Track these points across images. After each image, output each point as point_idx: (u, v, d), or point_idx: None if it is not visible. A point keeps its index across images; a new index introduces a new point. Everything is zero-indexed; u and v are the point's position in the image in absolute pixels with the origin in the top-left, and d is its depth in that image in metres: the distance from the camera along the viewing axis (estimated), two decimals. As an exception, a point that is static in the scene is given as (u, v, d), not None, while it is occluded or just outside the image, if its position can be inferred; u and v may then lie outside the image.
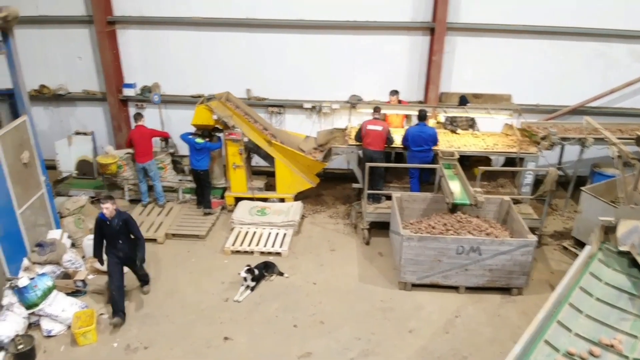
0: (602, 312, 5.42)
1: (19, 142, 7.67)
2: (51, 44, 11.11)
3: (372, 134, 9.31)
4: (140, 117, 9.87)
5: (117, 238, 7.37)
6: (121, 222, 7.28)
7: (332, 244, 9.48)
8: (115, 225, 7.27)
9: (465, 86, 11.09)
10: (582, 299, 5.61)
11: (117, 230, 7.30)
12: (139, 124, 9.81)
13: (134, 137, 9.75)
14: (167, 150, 10.70)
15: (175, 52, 11.05)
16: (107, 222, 7.28)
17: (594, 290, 5.74)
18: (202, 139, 9.70)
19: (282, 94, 11.37)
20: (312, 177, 10.37)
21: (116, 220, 7.27)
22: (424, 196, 9.14)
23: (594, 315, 5.38)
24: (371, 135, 9.32)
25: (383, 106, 10.08)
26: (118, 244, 7.40)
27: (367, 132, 9.35)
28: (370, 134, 9.31)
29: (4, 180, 7.32)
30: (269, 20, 10.65)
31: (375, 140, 9.33)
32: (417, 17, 10.57)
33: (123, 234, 7.37)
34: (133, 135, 9.79)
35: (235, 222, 9.70)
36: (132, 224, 7.42)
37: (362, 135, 9.45)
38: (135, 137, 9.73)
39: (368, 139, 9.38)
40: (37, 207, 8.20)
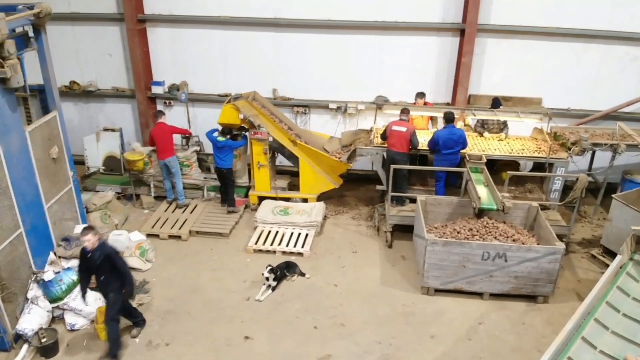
0: (629, 329, 5.24)
1: (48, 137, 7.79)
2: (82, 41, 11.29)
3: (396, 135, 9.20)
4: (162, 115, 9.96)
5: (98, 273, 6.61)
6: (103, 257, 6.42)
7: (354, 246, 9.41)
8: (96, 259, 6.43)
9: (495, 89, 10.89)
10: (609, 315, 5.44)
11: (98, 265, 6.46)
12: (160, 121, 9.90)
13: (155, 134, 9.85)
14: (186, 148, 10.77)
15: (203, 51, 11.12)
16: (88, 254, 6.48)
17: (621, 305, 5.56)
18: (223, 137, 9.72)
19: (308, 94, 11.35)
20: (335, 178, 10.32)
21: (98, 253, 6.43)
22: (450, 200, 9.00)
23: (620, 332, 5.20)
24: (395, 136, 9.21)
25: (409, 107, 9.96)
26: (99, 280, 6.64)
27: (391, 132, 9.25)
28: (394, 134, 9.21)
29: (33, 174, 7.45)
30: (297, 20, 10.63)
31: (399, 142, 9.22)
32: (447, 18, 10.42)
33: (105, 269, 6.51)
34: (154, 132, 9.90)
35: (258, 221, 9.71)
36: (116, 259, 6.52)
37: (386, 136, 9.35)
38: (156, 134, 9.83)
39: (392, 139, 9.27)
40: (65, 202, 8.33)
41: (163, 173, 10.18)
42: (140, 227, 9.70)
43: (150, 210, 10.48)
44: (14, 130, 6.98)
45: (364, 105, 11.07)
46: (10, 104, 6.89)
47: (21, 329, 6.95)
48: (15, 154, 7.00)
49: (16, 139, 7.02)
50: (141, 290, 8.05)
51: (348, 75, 11.07)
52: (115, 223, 9.64)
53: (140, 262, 8.55)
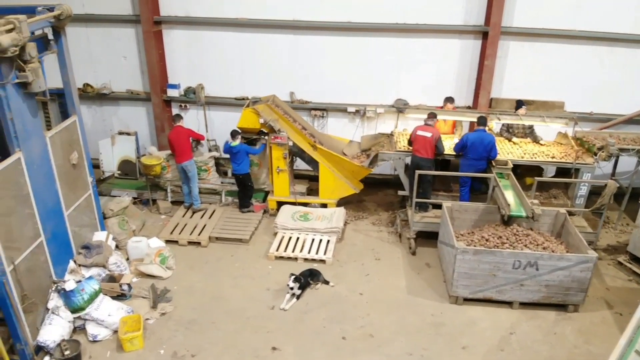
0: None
1: (68, 143, 7.61)
2: (96, 43, 11.10)
3: (421, 140, 9.01)
4: (179, 118, 9.78)
5: None
6: None
7: (376, 253, 9.22)
8: None
9: (517, 92, 10.71)
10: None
11: None
12: (178, 124, 9.71)
13: (172, 138, 9.67)
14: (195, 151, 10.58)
15: (219, 54, 10.92)
16: None
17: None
18: (236, 141, 9.52)
19: (326, 97, 11.16)
20: (356, 183, 10.13)
21: None
22: (476, 206, 8.81)
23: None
24: (420, 141, 9.02)
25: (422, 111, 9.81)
26: None
27: (415, 137, 9.06)
28: (418, 140, 9.02)
29: (53, 181, 7.26)
30: (316, 22, 10.43)
31: (424, 147, 9.03)
32: (470, 21, 10.24)
33: None
34: (171, 136, 9.71)
35: (279, 226, 9.51)
36: None
37: (411, 141, 9.16)
38: (174, 138, 9.64)
39: (416, 145, 9.09)
40: (84, 208, 8.14)
41: (181, 177, 9.99)
42: (158, 233, 9.51)
43: (167, 216, 10.28)
44: (35, 136, 6.80)
45: (383, 108, 10.87)
46: (31, 109, 6.71)
47: (42, 341, 6.75)
48: (36, 160, 6.82)
49: (37, 145, 6.84)
50: (163, 299, 7.86)
51: (367, 78, 10.88)
52: (133, 229, 9.45)
53: (161, 269, 8.36)
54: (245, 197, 10.05)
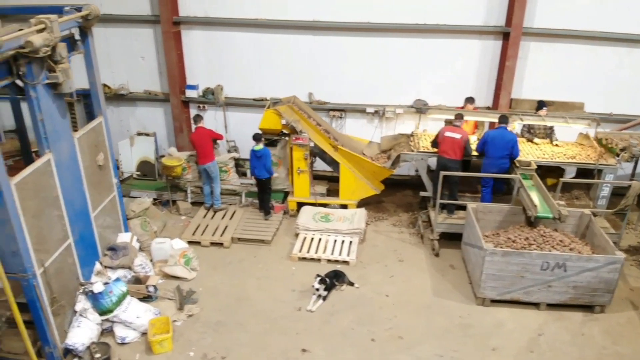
0: None
1: (95, 144, 7.58)
2: (114, 43, 11.05)
3: (449, 142, 8.96)
4: (200, 119, 9.72)
5: None
6: None
7: (399, 254, 9.18)
8: None
9: (536, 93, 10.68)
10: None
11: None
12: (199, 125, 9.66)
13: (195, 139, 9.62)
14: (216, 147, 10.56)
15: (238, 54, 10.89)
16: None
17: None
18: (260, 146, 9.48)
19: (344, 98, 11.12)
20: (377, 183, 10.10)
21: None
22: (500, 208, 8.77)
23: None
24: (448, 142, 8.97)
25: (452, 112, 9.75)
26: None
27: (443, 139, 9.00)
28: (447, 141, 8.97)
29: (81, 182, 7.23)
30: (335, 22, 10.40)
31: (452, 149, 8.99)
32: (490, 21, 10.20)
33: None
34: (194, 137, 9.66)
35: (300, 227, 9.48)
36: None
37: (438, 142, 9.11)
38: (196, 139, 9.59)
39: (444, 146, 9.02)
40: (109, 210, 8.11)
41: (203, 178, 9.95)
42: (180, 234, 9.47)
43: (187, 217, 10.25)
44: (64, 138, 6.77)
45: (403, 109, 10.85)
46: (61, 110, 6.68)
47: (71, 344, 6.72)
48: (65, 161, 6.79)
49: (66, 147, 6.82)
50: (189, 301, 7.83)
51: (386, 78, 10.84)
52: (154, 230, 9.41)
53: (185, 271, 8.32)
54: (268, 202, 9.99)
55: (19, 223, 5.86)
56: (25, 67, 5.94)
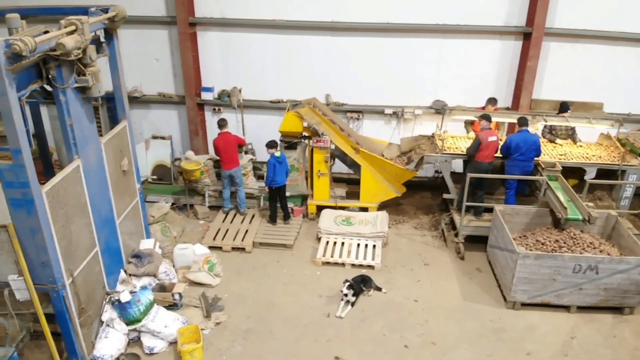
0: None
1: (119, 149, 7.41)
2: (127, 45, 10.68)
3: (492, 146, 8.85)
4: (225, 124, 9.48)
5: None
6: None
7: (424, 258, 9.07)
8: None
9: (556, 93, 10.63)
10: None
11: None
12: (225, 130, 9.45)
13: (220, 145, 9.38)
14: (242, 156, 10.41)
15: (255, 56, 10.73)
16: None
17: None
18: (279, 152, 9.33)
19: (362, 99, 10.99)
20: (398, 186, 9.98)
21: None
22: (527, 210, 8.68)
23: None
24: (490, 147, 8.84)
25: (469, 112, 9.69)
26: None
27: (488, 144, 8.79)
28: (490, 146, 8.82)
29: (107, 188, 7.06)
30: (354, 23, 10.27)
31: (492, 152, 8.90)
32: (511, 21, 10.11)
33: None
34: (219, 143, 9.39)
35: (322, 231, 9.34)
36: None
37: (481, 148, 8.85)
38: (222, 145, 9.36)
39: (487, 151, 8.85)
40: (132, 216, 7.94)
41: (225, 182, 9.75)
42: (200, 239, 9.32)
43: (205, 221, 10.08)
44: (91, 143, 6.61)
45: (421, 110, 10.74)
46: (89, 115, 6.51)
47: (99, 355, 6.56)
48: (93, 167, 6.63)
49: (93, 152, 6.65)
50: (216, 308, 7.67)
51: (404, 79, 10.73)
52: (174, 235, 9.24)
53: (210, 277, 8.16)
54: (287, 206, 9.83)
55: (50, 232, 5.69)
56: (55, 70, 5.77)
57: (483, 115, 8.97)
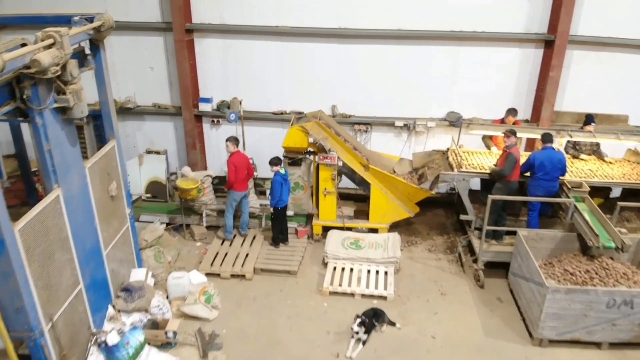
0: None
1: (107, 172, 6.70)
2: (120, 53, 10.13)
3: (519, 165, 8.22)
4: (237, 142, 8.68)
5: None
6: None
7: (440, 286, 8.36)
8: None
9: (579, 105, 9.93)
10: None
11: None
12: (238, 150, 8.69)
13: (238, 164, 8.54)
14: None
15: (256, 64, 10.01)
16: None
17: None
18: (284, 169, 8.63)
19: (370, 110, 10.28)
20: (411, 206, 9.26)
21: None
22: (553, 235, 7.97)
23: None
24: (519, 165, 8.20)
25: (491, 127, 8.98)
26: None
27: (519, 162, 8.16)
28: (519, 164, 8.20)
29: (92, 218, 6.35)
30: (364, 30, 9.55)
31: (519, 170, 8.22)
32: (532, 28, 9.40)
33: None
34: (236, 161, 8.55)
35: (329, 256, 8.63)
36: None
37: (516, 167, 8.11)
38: (238, 164, 8.54)
39: (517, 169, 8.18)
40: (121, 244, 7.23)
41: (232, 207, 8.88)
42: (197, 264, 8.61)
43: (202, 243, 9.37)
44: (74, 169, 5.89)
45: (435, 122, 10.03)
46: (71, 138, 5.79)
47: (84, 404, 5.84)
48: (75, 196, 5.92)
49: (76, 179, 5.94)
50: (213, 346, 6.95)
51: (416, 89, 10.03)
52: (169, 260, 8.54)
53: (207, 310, 7.44)
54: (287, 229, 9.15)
55: (24, 275, 4.99)
56: (30, 90, 5.05)
57: (510, 130, 8.23)
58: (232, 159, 8.53)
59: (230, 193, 8.73)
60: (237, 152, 8.61)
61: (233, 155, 8.57)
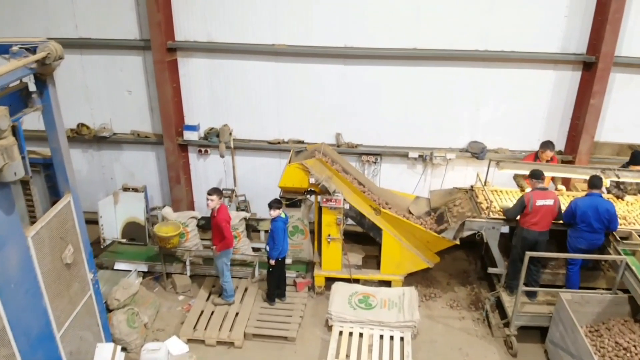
0: None
1: (60, 235, 5.38)
2: (93, 74, 8.86)
3: (544, 211, 6.89)
4: (222, 194, 7.39)
5: None
6: None
7: (465, 354, 7.08)
8: None
9: (619, 135, 8.72)
10: None
11: None
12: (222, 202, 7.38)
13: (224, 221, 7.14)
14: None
15: (249, 87, 8.72)
16: None
17: None
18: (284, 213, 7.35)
19: (380, 140, 9.00)
20: (430, 255, 7.98)
21: None
22: (601, 298, 6.69)
23: None
24: (542, 212, 6.88)
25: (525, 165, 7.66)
26: None
27: (535, 209, 6.86)
28: (540, 211, 6.87)
29: (39, 296, 5.03)
30: (372, 49, 8.27)
31: (545, 219, 6.94)
32: (569, 48, 8.11)
33: None
34: (227, 216, 7.22)
35: (334, 318, 7.34)
36: None
37: (524, 212, 6.99)
38: (225, 221, 7.15)
39: (535, 217, 6.90)
40: (83, 317, 5.92)
41: (227, 267, 7.50)
42: (178, 325, 7.36)
43: (185, 296, 8.09)
44: (11, 242, 4.56)
45: (455, 153, 8.75)
46: (4, 205, 4.46)
47: None
48: (14, 277, 4.59)
49: (14, 254, 4.61)
50: None
51: (435, 116, 8.75)
52: (145, 322, 7.25)
53: (187, 395, 6.16)
54: (283, 286, 7.89)
55: None
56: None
57: (531, 173, 7.04)
58: (223, 216, 7.12)
59: (223, 255, 7.34)
60: (222, 205, 7.26)
61: (221, 210, 7.19)
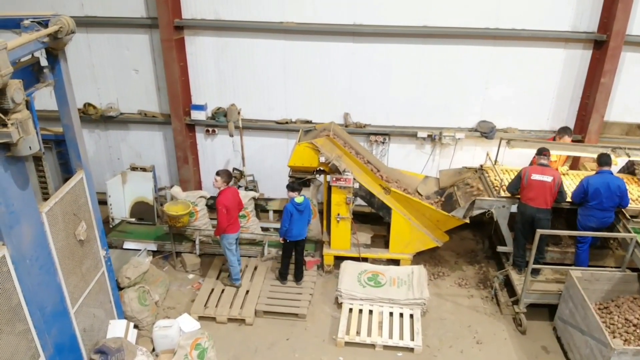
0: None
1: (73, 211, 5.39)
2: (100, 53, 8.79)
3: (538, 186, 6.90)
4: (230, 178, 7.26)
5: None
6: None
7: (475, 332, 7.12)
8: None
9: (628, 114, 8.66)
10: None
11: None
12: (232, 185, 7.35)
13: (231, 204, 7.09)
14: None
15: (257, 66, 8.65)
16: None
17: None
18: (301, 198, 7.29)
19: (389, 119, 8.96)
20: (439, 234, 8.00)
21: None
22: (610, 275, 6.71)
23: None
24: (536, 187, 6.90)
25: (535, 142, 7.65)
26: None
27: (530, 183, 6.91)
28: (534, 185, 6.91)
29: (54, 273, 5.06)
30: (382, 26, 8.19)
31: (542, 195, 6.93)
32: (580, 26, 8.03)
33: None
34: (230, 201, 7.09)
35: (344, 296, 7.38)
36: None
37: (521, 187, 7.02)
38: (230, 205, 7.06)
39: (531, 192, 6.95)
40: (96, 294, 5.96)
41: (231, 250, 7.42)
42: (188, 303, 7.40)
43: (195, 275, 8.12)
44: (26, 218, 4.58)
45: (464, 133, 8.72)
46: (20, 179, 4.47)
47: None
48: (29, 252, 4.62)
49: (29, 230, 4.63)
50: (207, 421, 5.72)
51: (444, 95, 8.69)
52: (156, 300, 7.29)
53: (200, 370, 6.20)
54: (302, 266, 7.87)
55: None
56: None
57: (540, 150, 7.11)
58: (221, 199, 7.00)
59: (223, 238, 7.30)
60: (227, 189, 7.12)
61: (222, 193, 7.05)
